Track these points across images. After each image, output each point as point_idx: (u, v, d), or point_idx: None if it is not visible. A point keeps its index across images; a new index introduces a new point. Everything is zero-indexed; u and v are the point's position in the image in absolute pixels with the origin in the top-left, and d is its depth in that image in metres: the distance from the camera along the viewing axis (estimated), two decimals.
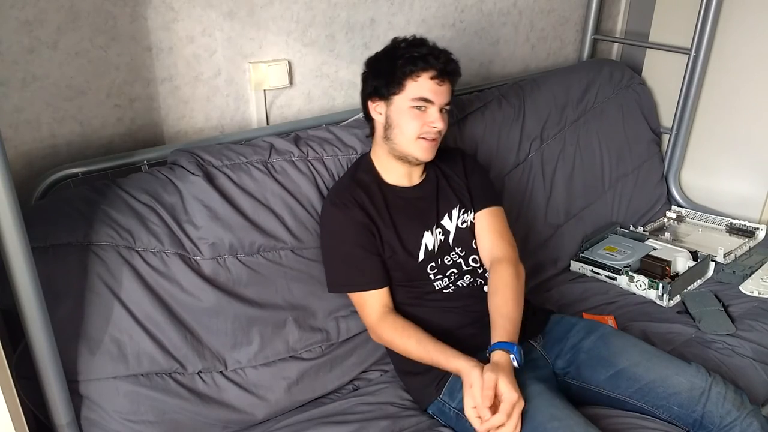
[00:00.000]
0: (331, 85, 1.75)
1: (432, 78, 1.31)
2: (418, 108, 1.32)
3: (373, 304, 1.35)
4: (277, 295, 1.38)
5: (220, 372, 1.30)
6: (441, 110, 1.34)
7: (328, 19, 1.68)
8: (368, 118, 1.43)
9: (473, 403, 1.15)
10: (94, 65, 1.35)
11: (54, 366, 1.05)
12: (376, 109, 1.38)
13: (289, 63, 1.64)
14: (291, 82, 1.67)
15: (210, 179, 1.34)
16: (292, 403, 1.38)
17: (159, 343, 1.23)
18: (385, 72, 1.34)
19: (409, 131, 1.34)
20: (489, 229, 1.45)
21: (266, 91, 1.62)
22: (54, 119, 1.33)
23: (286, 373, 1.37)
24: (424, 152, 1.36)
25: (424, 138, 1.34)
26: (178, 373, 1.26)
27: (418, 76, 1.31)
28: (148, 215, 1.26)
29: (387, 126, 1.36)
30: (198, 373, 1.28)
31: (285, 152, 1.45)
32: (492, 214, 1.47)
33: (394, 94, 1.33)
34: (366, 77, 1.40)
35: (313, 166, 1.47)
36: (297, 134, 1.53)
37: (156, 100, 1.46)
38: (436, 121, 1.33)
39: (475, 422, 1.15)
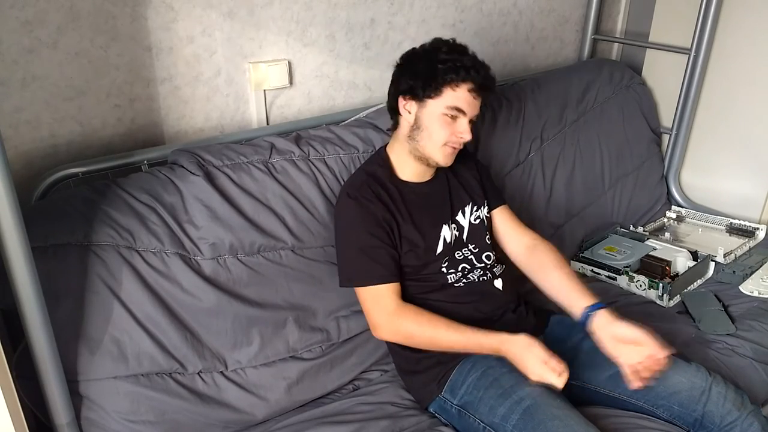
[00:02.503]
0: (331, 85, 1.75)
1: (470, 90, 1.31)
2: (451, 116, 1.33)
3: (389, 296, 1.33)
4: (277, 295, 1.38)
5: (220, 372, 1.30)
6: (470, 121, 1.35)
7: (328, 19, 1.68)
8: (394, 113, 1.41)
9: (542, 360, 1.19)
10: (94, 65, 1.35)
11: (54, 366, 1.05)
12: (406, 107, 1.36)
13: (289, 63, 1.64)
14: (291, 82, 1.67)
15: (210, 179, 1.34)
16: (292, 403, 1.38)
17: (159, 343, 1.23)
18: (424, 73, 1.32)
19: (437, 137, 1.34)
20: (509, 225, 1.53)
21: (266, 91, 1.62)
22: (54, 119, 1.33)
23: (286, 373, 1.37)
24: (447, 159, 1.37)
25: (448, 145, 1.35)
26: (178, 373, 1.26)
27: (458, 86, 1.31)
28: (149, 215, 1.25)
29: (415, 127, 1.36)
30: (198, 373, 1.28)
31: (286, 152, 1.45)
32: (505, 210, 1.55)
33: (430, 97, 1.32)
34: (400, 73, 1.38)
35: (314, 165, 1.47)
36: (298, 134, 1.53)
37: (156, 100, 1.46)
38: (465, 133, 1.34)
39: (552, 379, 1.18)
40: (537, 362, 1.20)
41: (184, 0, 1.42)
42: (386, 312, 1.32)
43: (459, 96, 1.31)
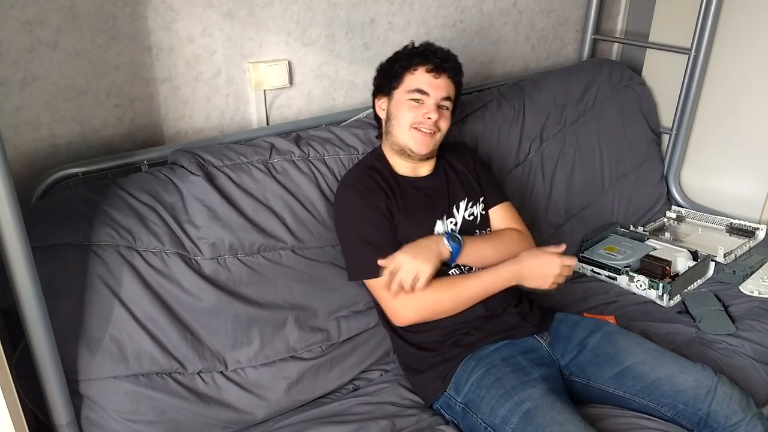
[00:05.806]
0: (331, 85, 1.75)
1: (428, 71, 1.37)
2: (416, 100, 1.37)
3: None
4: (277, 295, 1.38)
5: (220, 372, 1.30)
6: (439, 105, 1.37)
7: (328, 19, 1.68)
8: (377, 119, 1.48)
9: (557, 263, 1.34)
10: (94, 65, 1.35)
11: (54, 366, 1.05)
12: (381, 105, 1.45)
13: (289, 63, 1.64)
14: (291, 82, 1.67)
15: (210, 179, 1.34)
16: (292, 403, 1.38)
17: (159, 342, 1.23)
18: (387, 69, 1.42)
19: (403, 120, 1.38)
20: (504, 224, 1.53)
21: (266, 91, 1.62)
22: (54, 119, 1.33)
23: (286, 373, 1.37)
24: (419, 144, 1.38)
25: (417, 129, 1.37)
26: (178, 373, 1.26)
27: (415, 70, 1.38)
28: (149, 215, 1.26)
29: (387, 119, 1.42)
30: (198, 373, 1.28)
31: (286, 152, 1.45)
32: (505, 208, 1.54)
33: (394, 88, 1.40)
34: (374, 80, 1.48)
35: (314, 165, 1.47)
36: (298, 134, 1.53)
37: (156, 100, 1.46)
38: (430, 112, 1.36)
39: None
40: (554, 264, 1.34)
41: (184, 0, 1.42)
42: (401, 293, 1.31)
43: (418, 78, 1.38)
